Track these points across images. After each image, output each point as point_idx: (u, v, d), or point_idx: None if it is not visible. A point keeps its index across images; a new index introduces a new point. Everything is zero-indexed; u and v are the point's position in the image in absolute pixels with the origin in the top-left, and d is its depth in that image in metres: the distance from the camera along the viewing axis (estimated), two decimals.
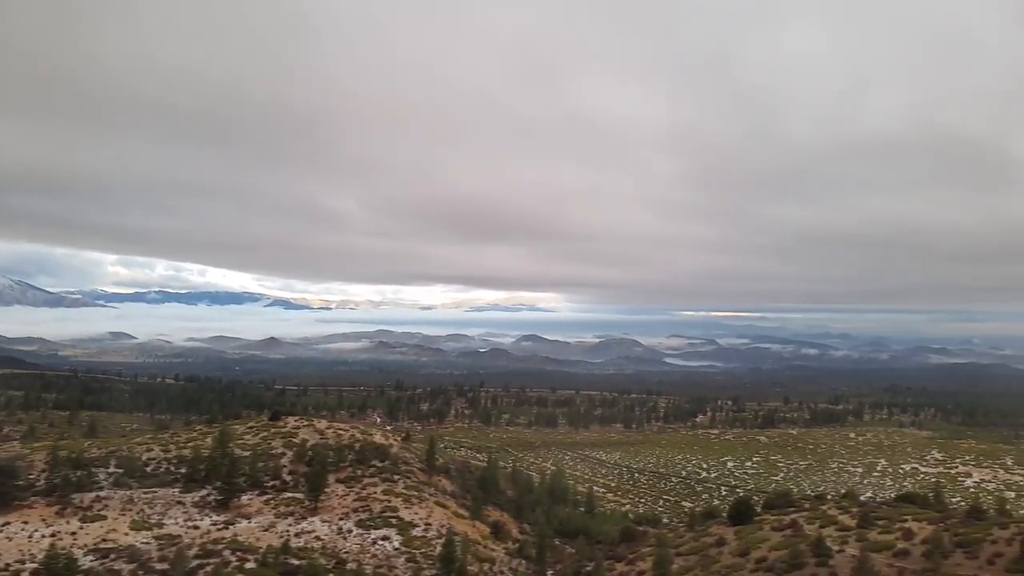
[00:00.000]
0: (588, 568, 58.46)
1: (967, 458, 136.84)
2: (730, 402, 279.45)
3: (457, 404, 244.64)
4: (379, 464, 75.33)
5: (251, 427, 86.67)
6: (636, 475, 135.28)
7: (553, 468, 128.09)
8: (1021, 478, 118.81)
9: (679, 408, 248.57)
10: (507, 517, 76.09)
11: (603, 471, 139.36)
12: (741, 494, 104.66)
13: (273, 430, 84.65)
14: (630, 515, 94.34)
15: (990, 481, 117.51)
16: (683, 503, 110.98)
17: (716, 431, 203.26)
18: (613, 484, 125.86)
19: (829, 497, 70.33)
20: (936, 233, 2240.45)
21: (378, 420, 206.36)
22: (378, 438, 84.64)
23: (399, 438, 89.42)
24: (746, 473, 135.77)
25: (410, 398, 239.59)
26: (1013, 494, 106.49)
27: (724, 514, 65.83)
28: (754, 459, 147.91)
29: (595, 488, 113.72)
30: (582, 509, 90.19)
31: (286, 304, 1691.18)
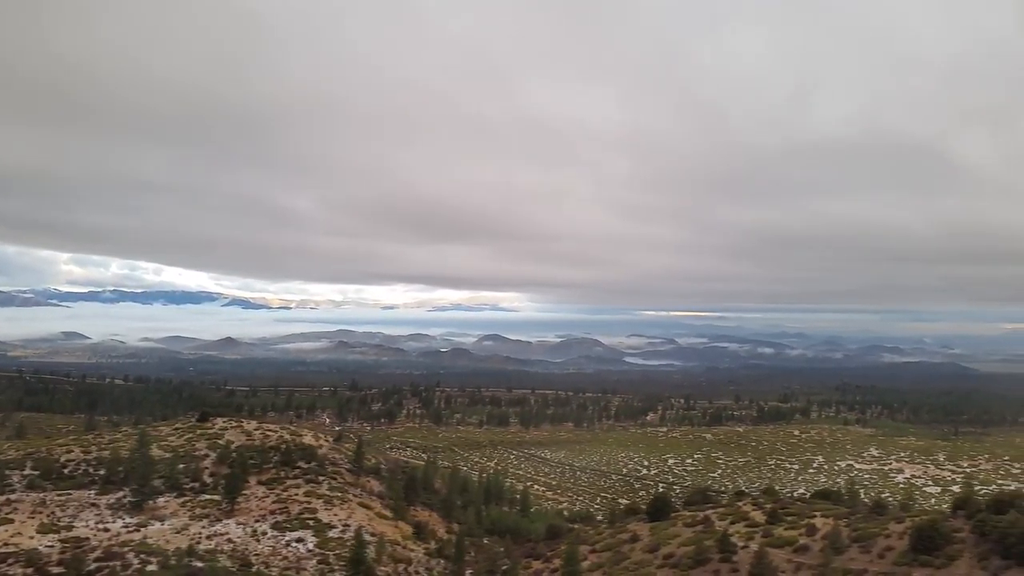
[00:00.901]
0: (504, 566, 58.64)
1: (902, 455, 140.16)
2: (682, 400, 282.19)
3: (411, 404, 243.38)
4: (305, 465, 74.58)
5: (177, 428, 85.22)
6: (578, 473, 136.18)
7: (497, 467, 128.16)
8: (949, 473, 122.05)
9: (630, 407, 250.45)
10: (436, 517, 75.89)
11: (546, 470, 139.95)
12: (677, 490, 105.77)
13: (199, 431, 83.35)
14: (565, 513, 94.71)
15: (920, 477, 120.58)
16: (620, 500, 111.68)
17: (664, 429, 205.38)
18: (554, 482, 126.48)
19: (749, 494, 71.36)
20: (884, 234, 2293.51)
21: (327, 421, 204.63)
22: (307, 439, 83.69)
23: (330, 439, 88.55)
24: (685, 470, 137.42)
25: (362, 399, 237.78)
26: (939, 489, 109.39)
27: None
28: (695, 456, 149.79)
29: (536, 487, 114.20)
30: (517, 508, 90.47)
31: (244, 304, 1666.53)
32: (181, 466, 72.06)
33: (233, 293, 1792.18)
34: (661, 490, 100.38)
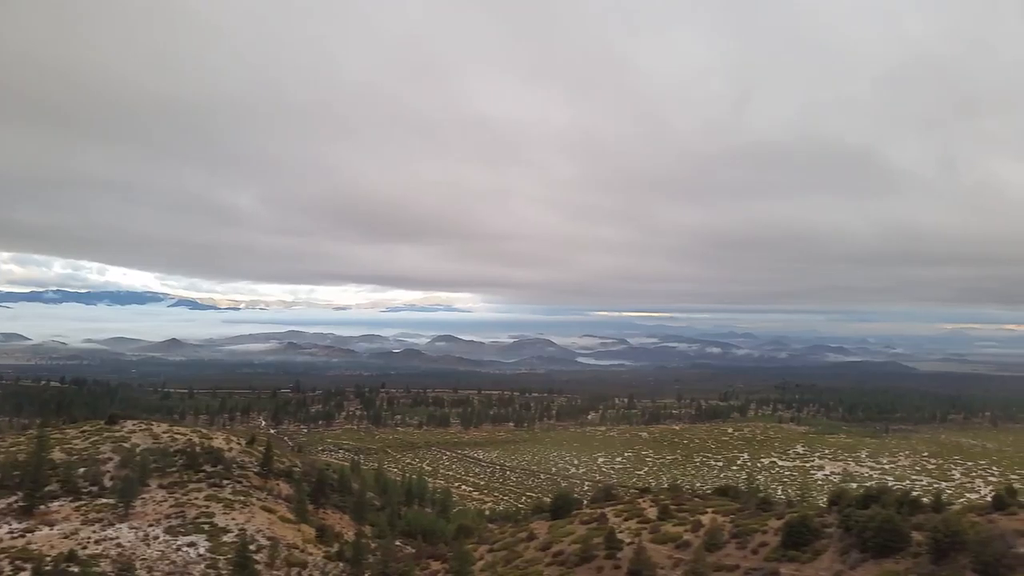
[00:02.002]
0: (399, 567, 58.28)
1: (826, 452, 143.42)
2: (625, 399, 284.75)
3: (352, 406, 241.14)
4: (211, 469, 73.17)
5: (84, 431, 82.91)
6: (507, 473, 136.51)
7: (427, 468, 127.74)
8: (868, 470, 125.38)
9: (572, 406, 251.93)
10: (347, 520, 75.18)
11: (476, 470, 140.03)
12: (600, 487, 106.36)
13: (106, 434, 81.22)
14: (487, 512, 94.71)
15: (838, 473, 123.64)
16: (545, 499, 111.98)
17: (603, 428, 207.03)
18: (482, 483, 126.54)
19: (651, 491, 72.09)
20: (826, 237, 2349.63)
21: (263, 423, 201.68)
22: (217, 442, 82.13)
23: (242, 442, 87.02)
24: (613, 468, 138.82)
25: (301, 400, 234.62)
26: (855, 485, 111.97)
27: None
28: (626, 454, 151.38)
29: (463, 487, 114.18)
30: (438, 509, 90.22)
31: (191, 304, 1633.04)
32: (81, 469, 70.15)
33: (180, 293, 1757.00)
34: (564, 488, 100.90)
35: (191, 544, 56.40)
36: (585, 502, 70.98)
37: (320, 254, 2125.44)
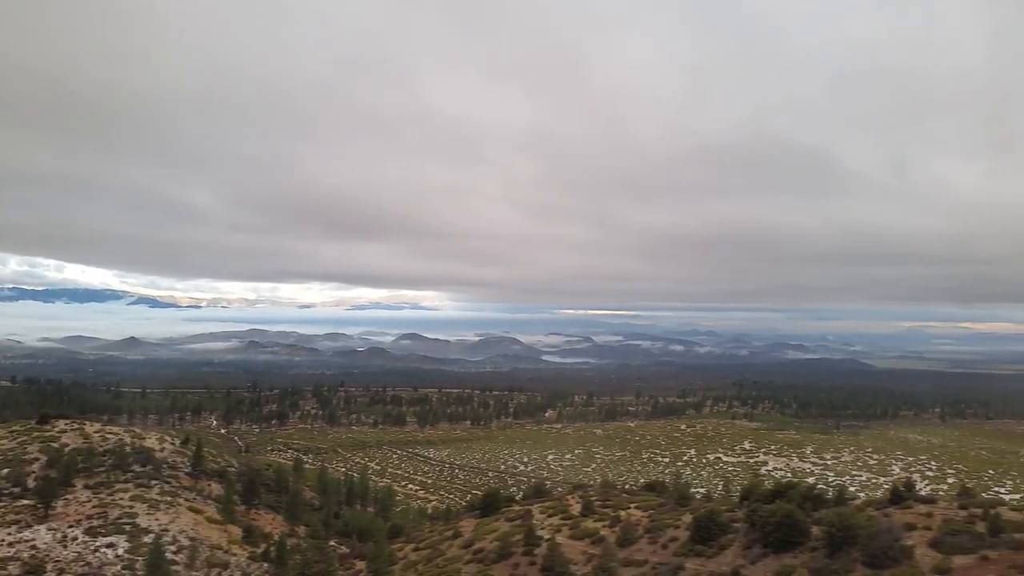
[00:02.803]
0: (321, 567, 57.90)
1: (772, 448, 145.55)
2: (583, 397, 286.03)
3: (309, 405, 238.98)
4: (140, 469, 72.07)
5: (13, 431, 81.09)
6: (456, 471, 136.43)
7: (376, 467, 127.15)
8: (811, 465, 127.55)
9: (530, 404, 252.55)
10: (279, 520, 74.53)
11: (425, 468, 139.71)
12: (548, 485, 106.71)
13: (36, 434, 79.50)
14: (429, 511, 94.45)
15: (782, 468, 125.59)
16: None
17: (559, 426, 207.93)
18: (429, 481, 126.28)
19: (585, 487, 72.65)
20: (784, 236, 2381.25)
21: (214, 423, 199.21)
22: (149, 442, 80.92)
23: (176, 441, 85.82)
24: (561, 465, 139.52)
25: (255, 399, 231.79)
26: (796, 480, 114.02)
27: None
28: (576, 451, 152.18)
29: (410, 486, 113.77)
30: (382, 508, 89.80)
31: (151, 302, 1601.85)
32: (5, 470, 68.72)
33: (140, 291, 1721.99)
34: (495, 486, 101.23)
35: (110, 545, 55.49)
36: (518, 499, 71.19)
37: (282, 251, 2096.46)
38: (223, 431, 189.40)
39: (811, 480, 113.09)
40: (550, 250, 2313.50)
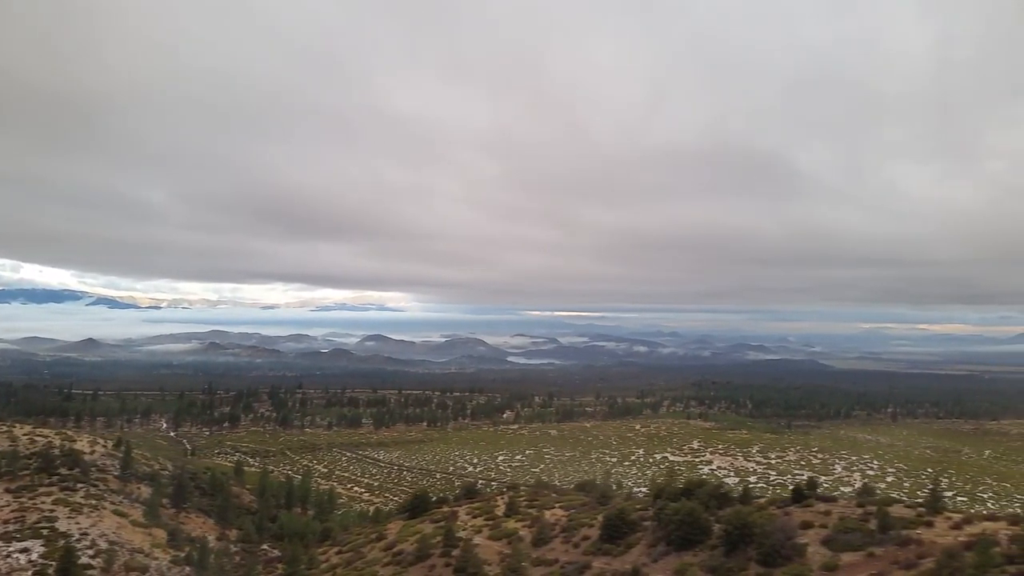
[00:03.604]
0: (243, 570, 57.48)
1: (720, 447, 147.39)
2: (544, 398, 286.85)
3: (264, 407, 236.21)
4: (66, 472, 70.72)
5: None
6: (404, 473, 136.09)
7: (324, 470, 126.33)
8: (755, 464, 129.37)
9: (488, 405, 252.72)
10: (210, 523, 73.71)
11: (374, 470, 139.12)
12: (495, 486, 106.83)
13: None
14: (371, 513, 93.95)
15: (725, 467, 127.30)
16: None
17: (516, 426, 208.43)
18: (376, 483, 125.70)
19: (518, 487, 72.85)
20: (743, 238, 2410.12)
21: (164, 425, 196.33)
22: (81, 444, 79.57)
23: (108, 444, 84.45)
24: (510, 466, 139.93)
25: (208, 402, 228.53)
26: (737, 479, 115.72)
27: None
28: (527, 452, 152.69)
29: (356, 488, 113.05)
30: (319, 511, 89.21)
31: (111, 303, 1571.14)
32: None
33: (99, 291, 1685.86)
34: (437, 487, 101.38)
35: (24, 550, 54.37)
36: (451, 500, 71.19)
37: (243, 252, 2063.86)
38: (172, 434, 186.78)
39: (752, 479, 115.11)
40: (515, 251, 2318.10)
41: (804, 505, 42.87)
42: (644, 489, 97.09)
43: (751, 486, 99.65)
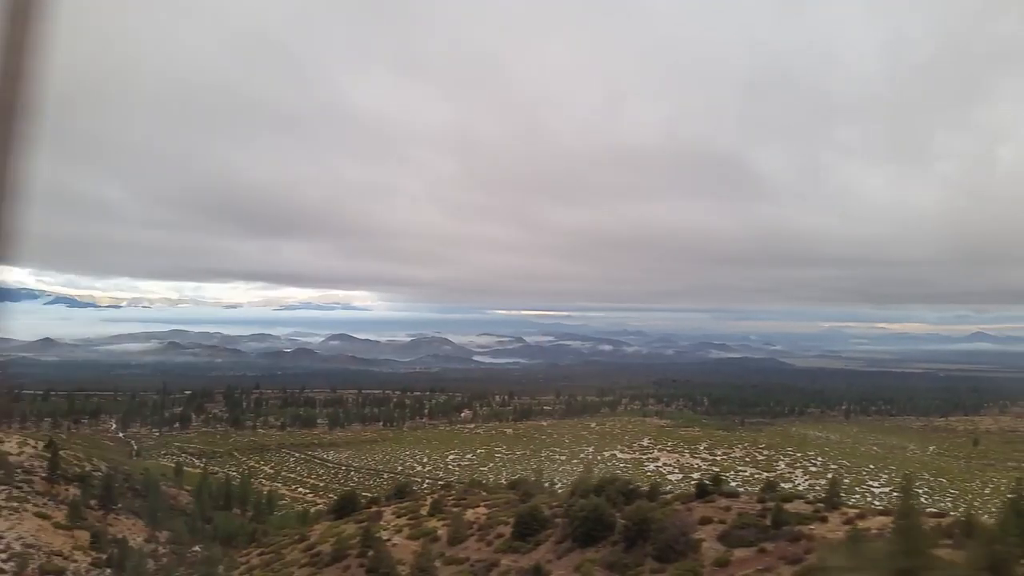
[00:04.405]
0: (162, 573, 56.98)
1: (669, 445, 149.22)
2: (505, 397, 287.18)
3: (218, 407, 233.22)
4: None
5: None
6: (352, 473, 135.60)
7: (270, 471, 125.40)
8: (700, 461, 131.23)
9: (446, 404, 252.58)
10: (139, 525, 72.83)
11: (321, 471, 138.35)
12: (440, 484, 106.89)
13: None
14: (310, 514, 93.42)
15: (671, 464, 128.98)
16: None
17: (473, 425, 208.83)
18: (322, 484, 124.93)
19: (452, 486, 73.19)
20: (704, 238, 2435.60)
21: (113, 426, 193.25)
22: (9, 446, 78.06)
23: (40, 445, 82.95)
24: (459, 465, 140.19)
25: (159, 402, 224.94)
26: (680, 476, 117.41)
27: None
28: (479, 451, 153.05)
29: (300, 489, 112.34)
30: (256, 512, 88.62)
31: (70, 302, 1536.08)
32: None
33: (57, 290, 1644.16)
34: (349, 488, 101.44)
35: None
36: (382, 500, 71.15)
37: (202, 250, 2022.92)
38: (121, 435, 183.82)
39: (696, 475, 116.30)
40: (480, 250, 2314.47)
41: (707, 501, 43.73)
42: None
43: (693, 483, 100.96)
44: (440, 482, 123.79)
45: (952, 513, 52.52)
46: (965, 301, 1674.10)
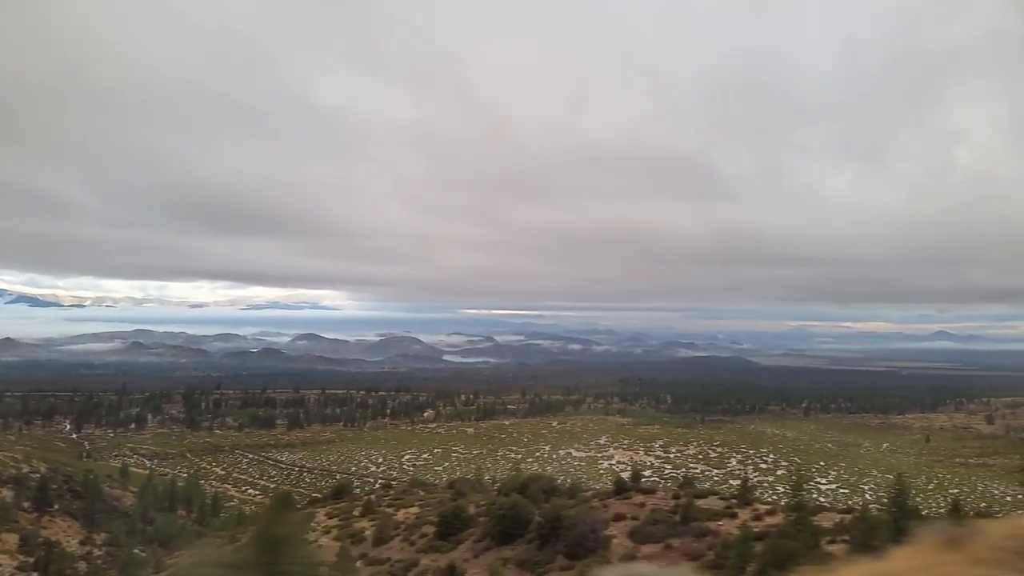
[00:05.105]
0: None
1: (625, 442, 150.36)
2: (470, 396, 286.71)
3: (175, 408, 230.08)
4: None
5: None
6: (304, 474, 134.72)
7: (221, 472, 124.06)
8: (654, 459, 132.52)
9: (409, 404, 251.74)
10: (76, 527, 71.86)
11: (273, 472, 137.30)
12: (395, 485, 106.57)
13: None
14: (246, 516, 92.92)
15: (624, 462, 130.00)
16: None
17: (434, 425, 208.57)
18: (272, 485, 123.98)
19: (392, 486, 73.14)
20: (669, 238, 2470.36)
21: (67, 427, 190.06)
22: None
23: None
24: (414, 465, 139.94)
25: (115, 403, 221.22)
26: (629, 473, 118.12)
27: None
28: (436, 451, 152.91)
29: (251, 490, 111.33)
30: (200, 514, 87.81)
31: (32, 301, 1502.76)
32: None
33: (19, 289, 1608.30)
34: (285, 488, 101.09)
35: None
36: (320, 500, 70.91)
37: (165, 248, 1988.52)
38: (74, 436, 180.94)
39: (647, 472, 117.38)
40: (449, 249, 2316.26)
41: (624, 497, 44.30)
42: None
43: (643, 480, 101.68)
44: (392, 482, 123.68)
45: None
46: (928, 300, 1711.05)
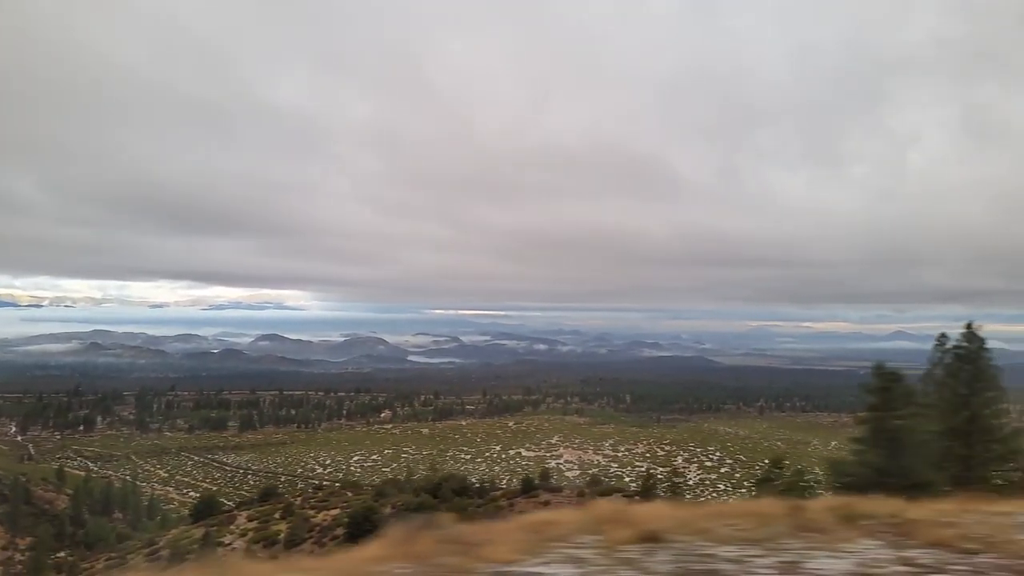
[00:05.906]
0: None
1: (576, 441, 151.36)
2: (429, 396, 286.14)
3: (126, 410, 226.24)
4: None
5: None
6: (249, 476, 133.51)
7: (164, 474, 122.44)
8: (601, 458, 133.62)
9: (367, 405, 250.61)
10: (0, 531, 70.59)
11: (217, 475, 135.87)
12: (338, 486, 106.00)
13: None
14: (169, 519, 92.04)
15: (572, 461, 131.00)
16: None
17: (390, 426, 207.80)
18: (215, 488, 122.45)
19: (321, 488, 73.01)
20: (630, 238, 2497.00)
21: (13, 429, 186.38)
22: None
23: None
24: (362, 467, 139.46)
25: (64, 404, 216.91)
26: (579, 471, 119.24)
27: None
28: (386, 452, 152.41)
29: (192, 493, 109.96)
30: (136, 517, 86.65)
31: None
32: None
33: None
34: (209, 492, 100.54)
35: None
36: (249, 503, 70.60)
37: (123, 247, 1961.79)
38: (19, 438, 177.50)
39: (593, 471, 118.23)
40: (412, 249, 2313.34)
41: (531, 496, 44.90)
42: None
43: (588, 478, 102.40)
44: (337, 484, 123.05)
45: None
46: (885, 301, 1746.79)
